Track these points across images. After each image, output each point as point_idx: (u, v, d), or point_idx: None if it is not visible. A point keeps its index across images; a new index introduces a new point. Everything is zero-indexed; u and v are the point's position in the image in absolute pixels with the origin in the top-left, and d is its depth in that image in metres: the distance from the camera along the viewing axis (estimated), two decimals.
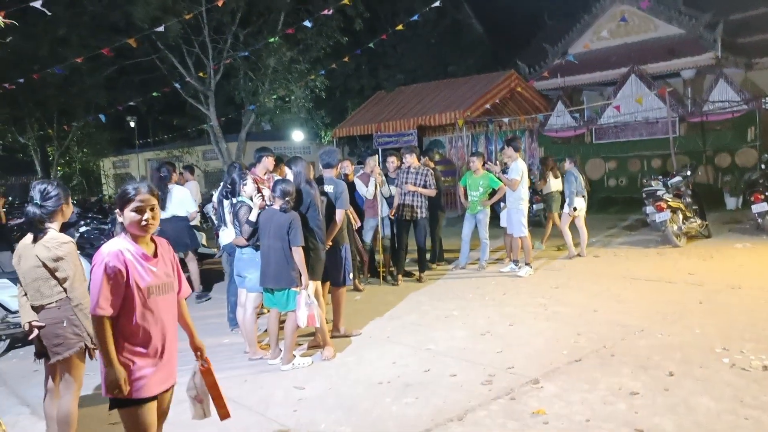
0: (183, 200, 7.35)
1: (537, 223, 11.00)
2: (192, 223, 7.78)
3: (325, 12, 11.23)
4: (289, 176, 5.26)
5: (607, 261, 8.59)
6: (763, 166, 10.57)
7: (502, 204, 8.46)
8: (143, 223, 2.57)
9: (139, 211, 2.56)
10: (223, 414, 2.91)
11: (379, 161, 7.99)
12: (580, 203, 8.87)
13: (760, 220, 9.39)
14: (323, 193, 5.42)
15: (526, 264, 7.99)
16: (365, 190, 7.75)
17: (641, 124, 14.97)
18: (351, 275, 5.67)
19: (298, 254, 4.59)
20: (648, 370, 4.27)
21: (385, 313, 6.44)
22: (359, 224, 7.39)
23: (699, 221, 9.55)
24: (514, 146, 8.03)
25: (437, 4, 10.84)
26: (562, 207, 9.31)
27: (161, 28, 10.23)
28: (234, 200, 5.26)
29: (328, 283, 5.57)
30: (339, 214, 5.44)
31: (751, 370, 4.16)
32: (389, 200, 8.06)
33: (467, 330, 5.62)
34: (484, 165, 8.41)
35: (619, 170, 15.31)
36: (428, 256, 8.79)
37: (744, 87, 14.63)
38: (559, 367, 4.46)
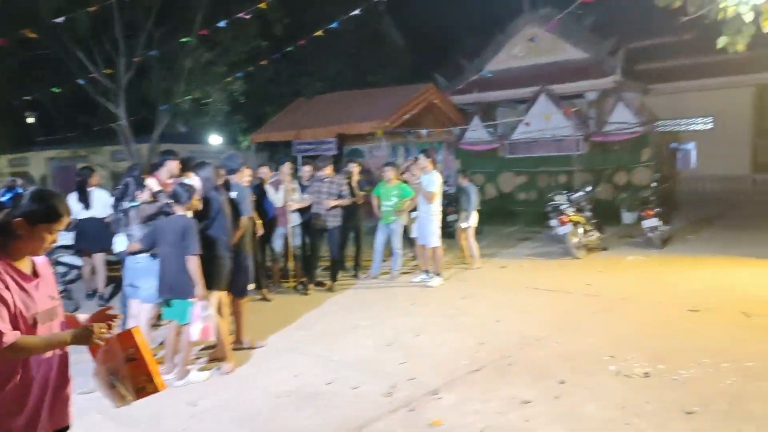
0: (105, 203, 7.40)
1: (450, 234, 11.13)
2: None
3: (242, 15, 10.95)
4: (196, 182, 5.08)
5: (513, 271, 8.89)
6: (654, 185, 11.38)
7: (412, 214, 8.56)
8: (48, 247, 2.22)
9: (54, 234, 2.20)
10: (161, 383, 2.29)
11: (298, 169, 7.91)
12: (475, 218, 9.24)
13: (650, 234, 10.07)
14: (230, 200, 5.28)
15: (437, 274, 8.12)
16: (275, 196, 7.66)
17: (550, 141, 15.67)
18: (251, 286, 5.53)
19: (193, 263, 4.39)
20: (542, 379, 4.43)
21: (293, 322, 6.33)
22: (262, 232, 7.21)
23: (597, 234, 10.11)
24: (428, 156, 8.17)
25: (356, 12, 10.86)
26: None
27: (60, 20, 9.60)
28: (125, 204, 4.99)
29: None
30: (242, 220, 5.34)
31: (634, 377, 4.42)
32: (302, 211, 7.94)
33: (374, 340, 5.62)
34: (403, 174, 8.49)
35: (529, 184, 15.93)
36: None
37: (641, 110, 15.69)
38: (459, 377, 4.54)
